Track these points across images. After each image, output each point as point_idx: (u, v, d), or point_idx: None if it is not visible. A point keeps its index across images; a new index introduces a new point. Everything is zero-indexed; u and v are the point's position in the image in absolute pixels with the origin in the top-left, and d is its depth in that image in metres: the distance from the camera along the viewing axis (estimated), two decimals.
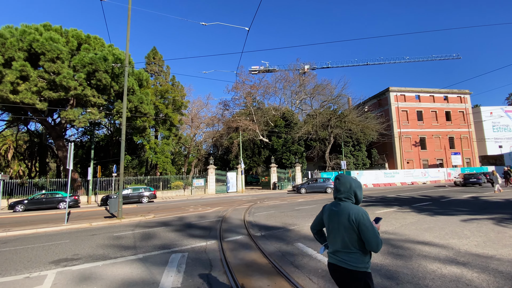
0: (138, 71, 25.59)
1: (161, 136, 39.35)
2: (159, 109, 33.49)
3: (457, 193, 18.82)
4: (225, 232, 8.30)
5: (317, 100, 41.79)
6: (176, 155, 58.62)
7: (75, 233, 9.50)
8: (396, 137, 42.35)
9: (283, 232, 8.04)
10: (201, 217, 11.88)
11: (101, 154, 35.40)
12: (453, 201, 14.44)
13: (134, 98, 22.24)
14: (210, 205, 17.18)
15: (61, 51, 18.71)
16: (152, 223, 10.91)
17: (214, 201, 20.59)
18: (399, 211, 11.33)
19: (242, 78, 44.26)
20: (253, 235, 7.64)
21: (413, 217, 9.63)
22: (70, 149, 11.65)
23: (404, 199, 16.02)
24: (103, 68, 19.92)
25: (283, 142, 39.06)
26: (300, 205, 14.73)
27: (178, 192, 31.31)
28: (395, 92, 43.67)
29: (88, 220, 12.41)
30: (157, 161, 33.37)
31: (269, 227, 8.90)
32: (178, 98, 36.70)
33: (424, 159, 43.28)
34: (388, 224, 8.62)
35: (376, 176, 36.31)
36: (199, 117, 47.14)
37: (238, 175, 32.98)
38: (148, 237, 8.12)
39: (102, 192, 26.99)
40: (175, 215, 13.09)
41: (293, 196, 22.77)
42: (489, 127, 47.39)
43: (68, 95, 19.34)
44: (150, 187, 24.88)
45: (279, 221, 9.93)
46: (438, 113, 44.80)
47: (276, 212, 12.41)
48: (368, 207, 12.87)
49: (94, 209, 18.86)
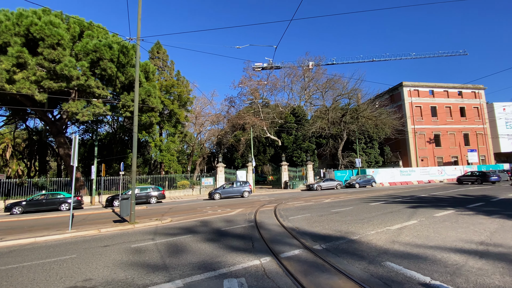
0: (145, 63, 23.87)
1: (166, 133, 37.66)
2: (165, 104, 31.78)
3: (495, 191, 17.19)
4: (271, 243, 6.62)
5: (329, 95, 40.08)
6: (180, 153, 56.96)
7: (82, 244, 7.81)
8: (410, 133, 40.69)
9: (347, 244, 6.37)
10: (227, 221, 10.21)
11: (104, 152, 33.69)
12: (506, 200, 12.80)
13: (142, 91, 20.51)
14: (229, 206, 15.51)
15: (62, 36, 16.96)
16: (173, 229, 9.24)
17: (230, 202, 18.92)
18: (461, 213, 9.68)
19: (249, 73, 42.58)
20: (312, 249, 5.97)
21: (490, 222, 7.99)
22: (75, 142, 9.96)
23: (447, 199, 14.38)
24: (108, 57, 18.19)
25: (293, 139, 37.38)
26: (332, 207, 13.09)
27: (185, 191, 29.66)
28: (408, 87, 41.99)
29: (95, 225, 10.73)
30: (163, 159, 31.69)
31: (322, 236, 7.24)
32: (184, 94, 34.95)
33: (439, 157, 41.67)
34: (471, 231, 6.97)
35: (392, 174, 34.70)
36: (203, 115, 45.47)
37: (249, 174, 31.32)
38: (177, 250, 6.44)
39: (106, 192, 25.32)
40: (194, 218, 11.42)
41: (312, 196, 21.08)
42: (502, 124, 45.77)
43: (70, 85, 17.61)
44: (158, 187, 23.24)
45: (328, 227, 8.27)
46: (453, 109, 43.17)
47: (312, 215, 10.75)
48: (417, 208, 11.23)
49: (99, 211, 17.17)
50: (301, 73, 43.33)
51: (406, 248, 5.81)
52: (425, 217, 9.28)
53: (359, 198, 17.34)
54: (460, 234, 6.80)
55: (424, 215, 9.70)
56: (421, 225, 8.02)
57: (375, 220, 9.15)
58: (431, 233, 7.02)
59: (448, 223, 8.16)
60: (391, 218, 9.40)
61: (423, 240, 6.43)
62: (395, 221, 8.76)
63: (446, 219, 8.83)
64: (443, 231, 7.22)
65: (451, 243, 6.07)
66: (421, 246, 5.97)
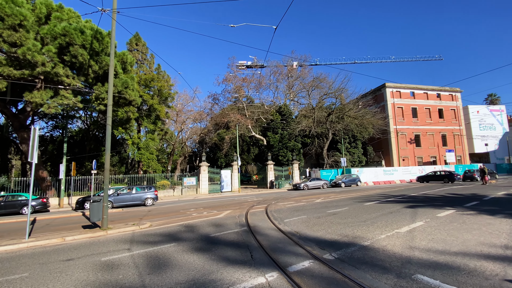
0: (122, 53, 22.01)
1: (145, 130, 35.56)
2: (144, 99, 29.82)
3: (481, 190, 17.34)
4: (273, 252, 5.63)
5: (315, 94, 39.82)
6: (160, 152, 54.60)
7: (40, 257, 6.39)
8: (393, 133, 41.43)
9: (361, 251, 5.51)
10: (216, 225, 9.08)
11: (76, 150, 31.07)
12: (499, 199, 12.69)
13: (118, 82, 18.76)
14: (215, 208, 14.33)
15: (26, 17, 14.94)
16: (153, 236, 7.98)
17: (215, 203, 17.72)
18: (463, 213, 9.23)
19: (234, 70, 41.36)
20: (323, 259, 5.05)
21: (499, 223, 7.52)
22: (34, 135, 8.39)
23: (440, 198, 14.14)
24: (79, 42, 16.33)
25: (279, 138, 36.65)
26: (326, 207, 12.34)
27: (166, 192, 27.95)
28: (391, 88, 42.76)
29: (60, 232, 9.18)
30: (141, 158, 29.72)
31: (328, 242, 6.35)
32: (165, 89, 33.09)
33: (419, 157, 42.81)
34: (486, 233, 6.38)
35: (376, 173, 34.99)
36: (185, 112, 43.65)
37: (234, 173, 30.16)
38: (159, 264, 5.26)
39: (77, 193, 23.11)
40: (178, 222, 10.17)
41: (301, 195, 20.35)
42: (476, 126, 48.04)
43: (34, 72, 15.57)
44: (152, 186, 21.44)
45: (331, 231, 7.41)
46: (432, 110, 44.57)
47: (309, 217, 9.89)
48: (416, 208, 10.72)
49: (68, 215, 15.32)
50: (286, 72, 42.81)
51: (430, 256, 5.05)
52: (429, 217, 8.71)
53: (350, 197, 16.82)
54: (477, 237, 6.19)
55: (426, 215, 9.16)
56: (430, 227, 7.38)
57: (378, 221, 8.44)
58: (446, 236, 6.36)
59: (456, 224, 7.60)
60: (394, 219, 8.74)
61: (442, 245, 5.73)
62: (400, 223, 8.10)
63: (451, 219, 8.29)
64: (458, 233, 6.60)
65: (475, 248, 5.40)
66: (444, 252, 5.24)
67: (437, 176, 30.02)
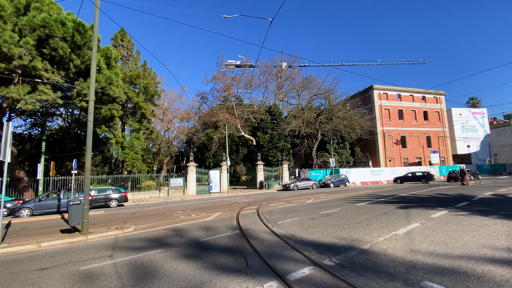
0: (106, 47, 21.03)
1: (129, 129, 34.36)
2: (129, 97, 28.78)
3: (467, 190, 17.69)
4: (270, 258, 5.25)
5: (305, 94, 39.87)
6: (145, 152, 53.23)
7: (11, 265, 5.74)
8: (380, 135, 42.07)
9: (361, 256, 5.23)
10: (206, 229, 8.61)
11: (56, 149, 29.57)
12: (487, 199, 12.88)
13: (101, 78, 17.87)
14: (204, 210, 13.82)
15: (3, 7, 13.93)
16: (138, 241, 7.42)
17: (204, 205, 17.18)
18: (456, 214, 9.21)
19: (223, 69, 40.79)
20: (324, 265, 4.73)
21: (495, 224, 7.48)
22: (7, 131, 7.66)
23: (430, 199, 14.24)
24: (60, 35, 15.39)
25: (269, 138, 36.40)
26: (318, 208, 12.11)
27: (151, 193, 27.05)
28: (378, 90, 43.44)
29: (35, 237, 8.45)
30: (125, 157, 28.60)
31: (326, 246, 6.05)
32: (151, 86, 32.09)
33: (405, 157, 43.69)
34: (485, 235, 6.27)
35: (363, 174, 35.36)
36: (172, 111, 42.64)
37: (223, 174, 29.59)
38: (145, 274, 4.77)
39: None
40: (164, 225, 9.61)
41: (291, 196, 20.11)
42: (458, 128, 49.62)
43: (11, 66, 14.52)
44: (120, 188, 20.62)
45: (327, 234, 7.13)
46: (417, 112, 45.64)
47: (302, 219, 9.60)
48: (408, 209, 10.65)
49: (45, 218, 14.37)
50: (276, 72, 42.64)
51: (434, 260, 4.83)
52: (423, 218, 8.60)
53: (341, 198, 16.72)
54: (477, 239, 6.07)
55: (420, 216, 9.06)
56: (426, 229, 7.24)
57: (374, 223, 8.24)
58: (446, 239, 6.20)
59: (452, 226, 7.50)
60: (388, 220, 8.58)
61: (443, 248, 5.54)
62: (395, 224, 7.93)
63: (446, 220, 8.21)
64: (456, 235, 6.46)
65: (478, 251, 5.24)
66: (447, 256, 5.04)
67: (415, 177, 30.86)
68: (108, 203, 18.56)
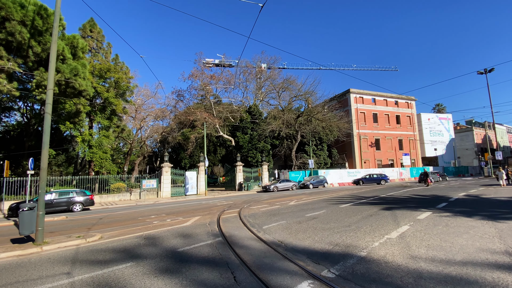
0: (72, 35, 19.23)
1: (98, 126, 31.96)
2: (98, 91, 26.69)
3: (440, 191, 18.32)
4: (261, 271, 4.58)
5: (285, 95, 39.78)
6: (115, 151, 50.24)
7: None
8: (356, 137, 43.15)
9: (361, 265, 4.73)
10: (184, 236, 7.73)
11: (12, 147, 26.59)
12: (464, 200, 13.22)
13: (66, 68, 16.15)
14: (180, 214, 12.81)
15: None
16: (104, 252, 6.38)
17: (180, 208, 16.09)
18: (439, 215, 9.18)
19: (201, 66, 39.49)
20: (323, 278, 4.15)
21: (482, 225, 7.43)
22: None
23: (409, 200, 14.40)
24: (18, 18, 13.57)
25: (249, 139, 35.76)
26: (303, 210, 11.67)
27: (121, 196, 25.20)
28: (355, 94, 44.60)
29: None
30: (93, 157, 26.45)
31: (320, 253, 5.50)
32: (123, 81, 30.09)
33: (379, 159, 45.20)
34: (477, 237, 6.09)
35: (341, 175, 35.91)
36: (145, 108, 40.54)
37: (200, 175, 28.42)
38: None
39: (11, 197, 19.56)
40: (136, 233, 8.56)
41: (272, 198, 19.59)
42: (427, 132, 52.46)
43: None
44: (85, 190, 18.81)
45: (318, 239, 6.61)
46: (390, 116, 47.50)
47: (289, 222, 9.04)
48: (392, 210, 10.52)
49: None
50: (256, 72, 42.15)
51: (438, 268, 4.45)
52: (411, 221, 8.42)
53: (323, 199, 16.49)
54: (472, 242, 5.87)
55: (406, 218, 8.91)
56: (418, 232, 6.99)
57: (363, 226, 7.89)
58: (441, 242, 5.93)
59: (441, 228, 7.33)
60: (377, 223, 8.29)
61: (442, 253, 5.23)
62: (386, 227, 7.63)
63: (434, 222, 8.07)
64: (450, 238, 6.24)
65: (478, 256, 4.97)
66: (450, 262, 4.70)
67: (373, 178, 32.54)
68: (71, 207, 16.80)
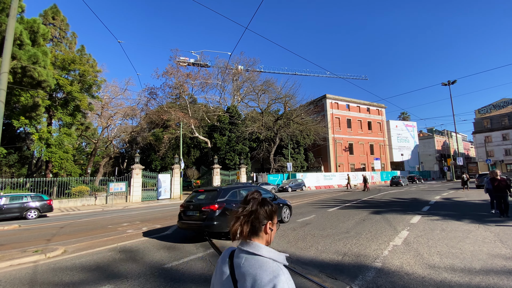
0: (32, 19, 17.06)
1: (58, 123, 28.86)
2: (60, 84, 24.01)
3: (419, 194, 18.97)
4: None
5: (264, 97, 39.43)
6: (77, 151, 46.20)
7: None
8: (331, 141, 44.09)
9: (382, 278, 4.22)
10: (168, 248, 6.71)
11: None
12: (443, 204, 13.61)
13: (23, 54, 14.12)
14: (157, 221, 11.58)
15: None
16: (70, 271, 5.18)
17: (155, 214, 14.73)
18: (429, 219, 9.19)
19: (177, 63, 37.71)
20: None
21: (477, 228, 7.44)
22: None
23: (392, 203, 14.54)
24: None
25: (227, 141, 34.74)
26: (292, 215, 11.08)
27: (85, 200, 22.82)
28: (331, 100, 45.69)
29: None
30: (51, 157, 23.57)
31: (331, 265, 4.92)
32: (89, 75, 27.49)
33: (352, 163, 46.62)
34: (479, 242, 5.95)
35: (317, 178, 36.29)
36: (113, 106, 37.62)
37: (175, 178, 26.84)
38: None
39: None
40: (108, 244, 7.33)
41: None
42: (395, 138, 55.37)
43: None
44: (42, 195, 16.56)
45: (322, 248, 6.04)
46: (363, 122, 49.38)
47: (282, 229, 8.41)
48: (381, 214, 10.38)
49: None
50: (233, 73, 41.35)
51: (463, 278, 4.11)
52: (407, 225, 8.24)
53: (307, 203, 16.16)
54: (478, 247, 5.71)
55: (400, 222, 8.75)
56: (420, 237, 6.77)
57: (362, 232, 7.51)
58: (448, 249, 5.69)
59: (439, 232, 7.20)
60: (374, 228, 7.98)
61: (458, 260, 4.93)
62: (385, 233, 7.34)
63: (430, 227, 7.95)
64: (455, 244, 6.05)
65: (495, 263, 4.76)
66: (471, 271, 4.39)
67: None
68: (25, 213, 14.61)
